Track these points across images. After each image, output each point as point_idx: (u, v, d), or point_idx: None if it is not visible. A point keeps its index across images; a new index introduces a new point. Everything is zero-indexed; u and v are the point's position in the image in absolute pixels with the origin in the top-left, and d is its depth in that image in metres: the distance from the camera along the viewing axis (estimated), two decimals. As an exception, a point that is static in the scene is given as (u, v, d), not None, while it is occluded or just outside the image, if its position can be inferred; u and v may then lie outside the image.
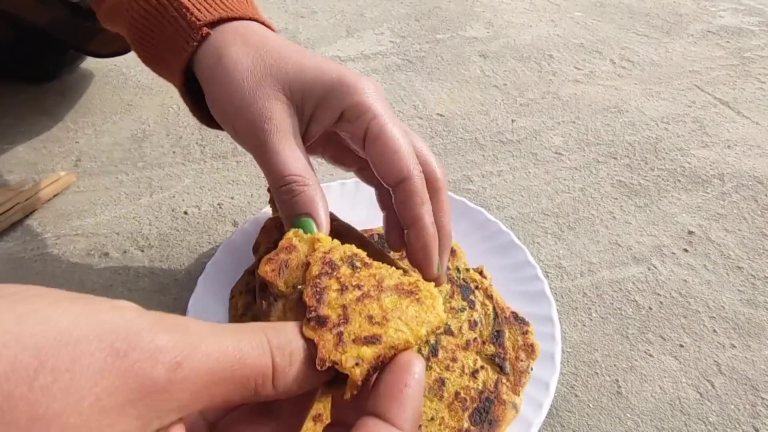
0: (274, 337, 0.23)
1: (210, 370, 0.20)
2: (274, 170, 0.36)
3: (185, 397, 0.20)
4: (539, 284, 0.50)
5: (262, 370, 0.22)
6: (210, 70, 0.39)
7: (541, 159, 0.70)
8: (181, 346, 0.20)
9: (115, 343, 0.18)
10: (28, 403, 0.17)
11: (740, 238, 0.59)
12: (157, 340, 0.19)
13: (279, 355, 0.23)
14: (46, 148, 0.72)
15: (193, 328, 0.21)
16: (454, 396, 0.43)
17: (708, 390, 0.46)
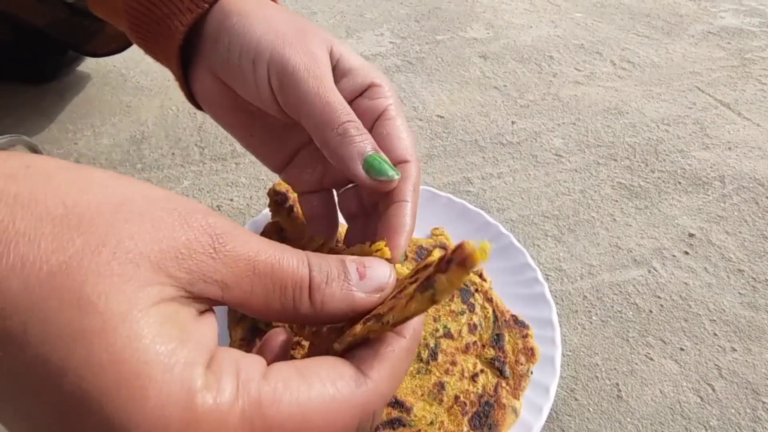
0: (314, 258, 0.24)
1: (251, 257, 0.22)
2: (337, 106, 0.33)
3: (226, 273, 0.21)
4: (539, 287, 0.50)
5: (299, 278, 0.23)
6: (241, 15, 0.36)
7: (541, 161, 0.70)
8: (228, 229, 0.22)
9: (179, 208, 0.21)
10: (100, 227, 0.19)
11: (741, 241, 0.59)
12: (210, 219, 0.22)
13: (317, 271, 0.24)
14: (44, 149, 0.72)
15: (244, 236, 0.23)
16: (454, 400, 0.43)
17: (709, 394, 0.46)
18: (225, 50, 0.36)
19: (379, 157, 0.33)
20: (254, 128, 0.41)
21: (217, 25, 0.37)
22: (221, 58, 0.37)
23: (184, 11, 0.37)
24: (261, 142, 0.41)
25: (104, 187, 0.21)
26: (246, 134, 0.41)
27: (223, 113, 0.41)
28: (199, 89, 0.40)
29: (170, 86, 0.82)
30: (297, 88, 0.34)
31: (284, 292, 0.23)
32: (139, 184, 0.22)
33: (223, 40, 0.36)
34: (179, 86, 0.42)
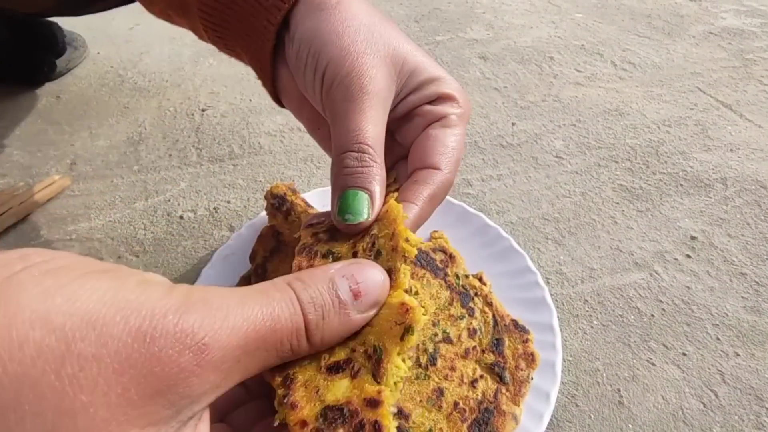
0: (303, 292, 0.23)
1: (240, 344, 0.20)
2: (351, 131, 0.32)
3: (217, 377, 0.20)
4: (540, 291, 0.50)
5: (295, 330, 0.22)
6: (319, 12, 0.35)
7: (541, 163, 0.69)
8: (208, 325, 0.19)
9: (141, 327, 0.18)
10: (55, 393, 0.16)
11: (743, 244, 0.58)
12: (183, 323, 0.19)
13: (310, 311, 0.23)
14: (40, 151, 0.71)
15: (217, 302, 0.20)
16: (453, 406, 0.42)
17: (711, 400, 0.45)
18: (295, 55, 0.36)
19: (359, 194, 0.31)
20: (320, 123, 0.40)
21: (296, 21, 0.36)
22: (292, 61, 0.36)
23: (270, 9, 0.36)
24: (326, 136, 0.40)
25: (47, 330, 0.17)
26: (314, 127, 0.41)
27: (297, 105, 0.40)
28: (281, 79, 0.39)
29: (168, 87, 0.82)
30: (332, 105, 0.33)
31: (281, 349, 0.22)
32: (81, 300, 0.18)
33: (296, 44, 0.35)
34: (262, 82, 0.41)
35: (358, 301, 0.24)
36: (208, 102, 0.79)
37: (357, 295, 0.24)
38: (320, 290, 0.23)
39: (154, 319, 0.18)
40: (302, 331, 0.22)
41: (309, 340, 0.23)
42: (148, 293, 0.19)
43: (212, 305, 0.20)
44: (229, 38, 0.40)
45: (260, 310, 0.21)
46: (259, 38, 0.37)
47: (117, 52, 0.90)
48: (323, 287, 0.23)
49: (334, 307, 0.23)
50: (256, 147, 0.71)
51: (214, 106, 0.78)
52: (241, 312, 0.21)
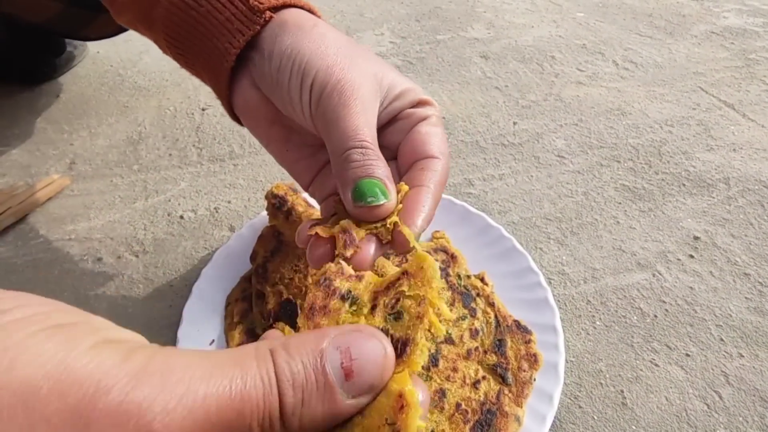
0: (285, 366, 0.20)
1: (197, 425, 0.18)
2: (351, 131, 0.33)
3: None
4: (542, 292, 0.49)
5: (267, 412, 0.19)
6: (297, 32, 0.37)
7: (543, 162, 0.69)
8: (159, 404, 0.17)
9: (78, 406, 0.16)
10: None
11: (747, 244, 0.58)
12: (129, 401, 0.17)
13: (288, 392, 0.19)
14: (39, 150, 0.71)
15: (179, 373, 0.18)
16: (455, 408, 0.42)
17: (716, 401, 0.45)
18: (276, 71, 0.36)
19: (372, 181, 0.32)
20: (290, 143, 0.41)
21: (271, 41, 0.37)
22: (271, 77, 0.37)
23: (234, 33, 0.38)
24: (295, 159, 0.41)
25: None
26: (282, 149, 0.41)
27: (262, 127, 0.41)
28: (240, 102, 0.40)
29: (168, 86, 0.81)
30: (326, 112, 0.34)
31: None
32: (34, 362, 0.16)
33: (275, 60, 0.36)
34: (221, 101, 0.42)
35: (349, 382, 0.20)
36: (209, 101, 0.79)
37: (349, 375, 0.20)
38: (305, 365, 0.20)
39: (95, 396, 0.16)
40: (276, 414, 0.19)
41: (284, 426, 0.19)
42: (99, 361, 0.17)
43: (171, 377, 0.18)
44: (190, 56, 0.41)
45: (229, 386, 0.18)
46: (219, 59, 0.38)
47: (117, 51, 0.90)
48: (309, 362, 0.20)
49: (318, 390, 0.20)
50: (257, 146, 0.70)
51: (215, 105, 0.78)
52: (205, 387, 0.18)
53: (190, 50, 0.40)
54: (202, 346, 0.46)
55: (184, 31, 0.40)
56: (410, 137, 0.37)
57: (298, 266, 0.47)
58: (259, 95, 0.39)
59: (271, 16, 0.38)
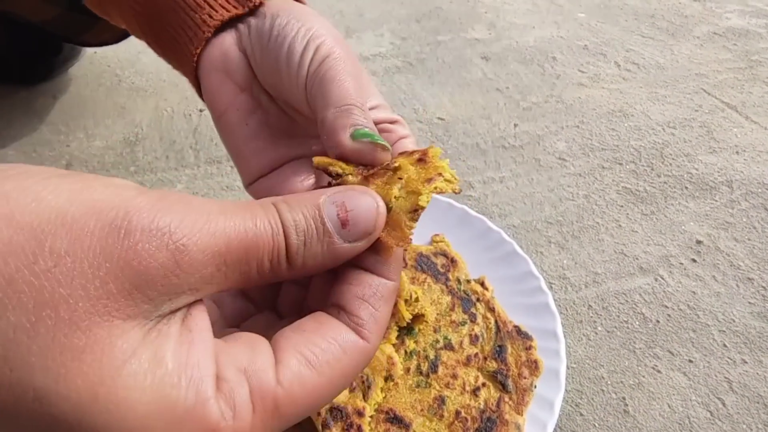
0: (288, 213, 0.22)
1: (219, 251, 0.19)
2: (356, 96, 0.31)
3: (195, 280, 0.19)
4: (543, 297, 0.49)
5: (276, 248, 0.21)
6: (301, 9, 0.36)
7: (544, 165, 0.68)
8: (186, 226, 0.19)
9: (114, 221, 0.18)
10: (32, 287, 0.16)
11: (750, 248, 0.57)
12: (159, 221, 0.18)
13: (293, 234, 0.22)
14: (36, 151, 0.70)
15: (197, 205, 0.20)
16: (455, 415, 0.41)
17: (719, 409, 0.44)
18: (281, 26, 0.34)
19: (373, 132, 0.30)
20: (253, 117, 0.37)
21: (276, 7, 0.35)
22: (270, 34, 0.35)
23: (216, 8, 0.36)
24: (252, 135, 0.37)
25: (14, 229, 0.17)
26: (241, 120, 0.37)
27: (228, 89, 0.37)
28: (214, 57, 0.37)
29: (165, 87, 0.80)
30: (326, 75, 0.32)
31: (261, 264, 0.21)
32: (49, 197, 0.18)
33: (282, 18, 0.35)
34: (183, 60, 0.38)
35: (345, 230, 0.23)
36: (207, 102, 0.78)
37: (345, 223, 0.23)
38: (305, 215, 0.22)
39: (128, 214, 0.18)
40: (283, 252, 0.21)
41: (289, 263, 0.22)
42: (118, 192, 0.19)
43: (192, 207, 0.19)
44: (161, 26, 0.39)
45: (242, 223, 0.20)
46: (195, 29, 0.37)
47: (114, 51, 0.89)
48: (308, 212, 0.22)
49: (318, 235, 0.22)
50: (255, 148, 0.70)
51: (213, 107, 0.77)
52: (224, 219, 0.20)
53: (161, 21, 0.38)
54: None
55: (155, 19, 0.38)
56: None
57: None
58: (239, 56, 0.36)
59: (261, 2, 0.36)
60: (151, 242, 0.18)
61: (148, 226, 0.18)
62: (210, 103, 0.38)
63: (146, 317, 0.18)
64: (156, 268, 0.18)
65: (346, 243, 0.23)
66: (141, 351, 0.18)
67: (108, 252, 0.17)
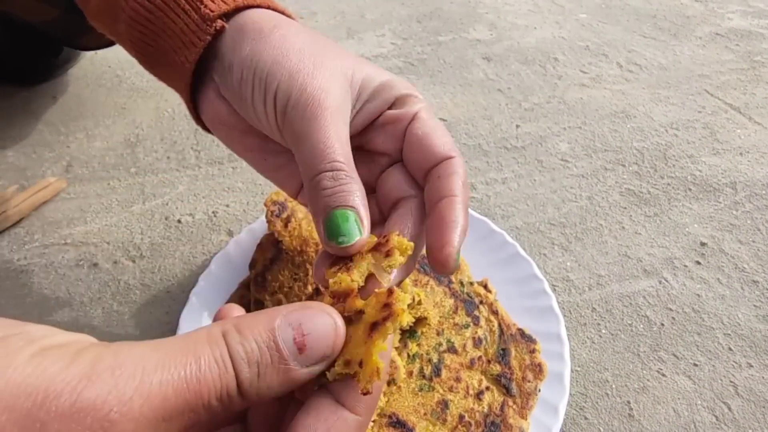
0: (238, 347, 0.20)
1: (157, 412, 0.18)
2: (320, 151, 0.30)
3: None
4: (547, 299, 0.48)
5: (224, 388, 0.20)
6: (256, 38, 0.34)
7: (546, 166, 0.68)
8: (114, 397, 0.17)
9: (30, 412, 0.16)
10: None
11: (755, 250, 0.57)
12: (83, 400, 0.17)
13: (244, 369, 0.20)
14: (36, 152, 0.70)
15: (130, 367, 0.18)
16: (458, 420, 0.41)
17: (724, 413, 0.44)
18: (238, 84, 0.34)
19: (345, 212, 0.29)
20: (267, 152, 0.38)
21: (229, 51, 0.35)
22: (234, 90, 0.35)
23: (188, 45, 0.35)
24: (275, 167, 0.38)
25: None
26: (260, 158, 0.39)
27: (236, 137, 0.38)
28: (209, 114, 0.38)
29: (166, 88, 0.79)
30: (292, 127, 0.32)
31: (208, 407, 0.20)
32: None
33: (236, 73, 0.34)
34: (189, 113, 0.40)
35: (302, 355, 0.22)
36: (207, 103, 0.78)
37: (302, 349, 0.22)
38: (258, 343, 0.21)
39: (45, 402, 0.16)
40: (233, 390, 0.20)
41: (242, 396, 0.20)
42: (42, 368, 0.17)
43: (123, 372, 0.18)
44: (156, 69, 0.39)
45: (183, 371, 0.19)
46: (179, 73, 0.36)
47: (114, 51, 0.89)
48: (262, 339, 0.21)
49: (273, 364, 0.21)
50: (256, 149, 0.69)
51: (213, 107, 0.77)
52: (160, 375, 0.18)
53: (155, 63, 0.39)
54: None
55: (146, 45, 0.38)
56: (409, 146, 0.34)
57: (298, 275, 0.46)
58: (228, 106, 0.36)
59: (223, 25, 0.35)
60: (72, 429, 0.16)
61: (68, 411, 0.17)
62: (231, 150, 0.40)
63: None
64: None
65: (304, 368, 0.22)
66: None
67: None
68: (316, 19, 1.01)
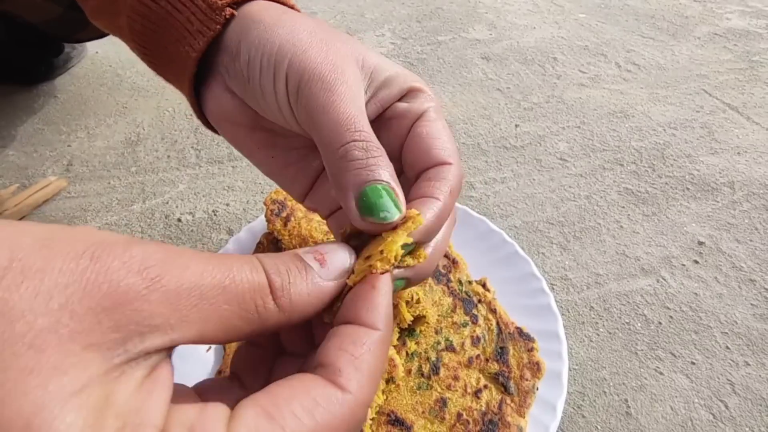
0: (267, 259, 0.22)
1: (195, 284, 0.19)
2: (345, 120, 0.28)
3: (169, 312, 0.18)
4: (545, 298, 0.48)
5: (257, 286, 0.21)
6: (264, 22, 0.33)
7: (545, 165, 0.68)
8: (159, 259, 0.18)
9: (90, 248, 0.18)
10: None
11: (752, 249, 0.57)
12: (133, 252, 0.18)
13: (274, 272, 0.22)
14: (36, 151, 0.70)
15: (173, 247, 0.20)
16: (456, 418, 0.41)
17: (721, 411, 0.44)
18: (245, 66, 0.33)
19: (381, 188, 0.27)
20: (276, 149, 0.36)
21: (236, 38, 0.33)
22: (241, 76, 0.33)
23: (194, 34, 0.34)
24: (284, 164, 0.37)
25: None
26: (267, 156, 0.37)
27: (242, 134, 0.37)
28: (215, 110, 0.36)
29: (167, 87, 0.80)
30: (309, 101, 0.30)
31: (244, 307, 0.20)
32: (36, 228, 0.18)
33: (243, 55, 0.32)
34: (193, 110, 0.39)
35: (324, 268, 0.24)
36: (207, 102, 0.78)
37: (323, 263, 0.24)
38: (284, 259, 0.23)
39: (104, 245, 0.18)
40: (266, 291, 0.21)
41: (277, 302, 0.21)
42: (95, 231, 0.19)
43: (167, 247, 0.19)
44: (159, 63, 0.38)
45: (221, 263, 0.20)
46: (183, 65, 0.35)
47: (116, 51, 0.89)
48: (288, 257, 0.23)
49: (300, 271, 0.23)
50: (256, 148, 0.70)
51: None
52: (199, 263, 0.19)
53: (158, 57, 0.37)
54: (199, 353, 0.45)
55: (148, 36, 0.36)
56: (411, 143, 0.33)
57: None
58: (235, 100, 0.35)
59: (232, 13, 0.34)
60: (123, 268, 0.18)
61: (121, 255, 0.18)
62: (236, 148, 0.38)
63: (111, 350, 0.17)
64: (125, 292, 0.17)
65: (329, 281, 0.24)
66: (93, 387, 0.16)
67: (78, 273, 0.17)
68: (315, 18, 1.01)
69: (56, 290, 0.16)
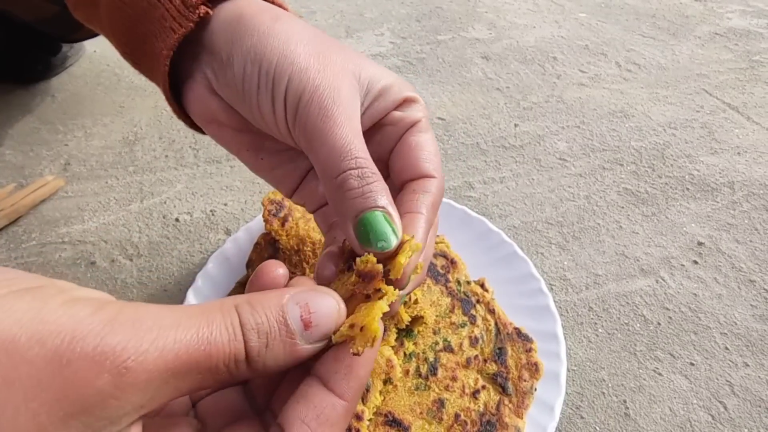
0: (249, 317, 0.22)
1: (168, 367, 0.19)
2: (341, 148, 0.29)
3: (139, 399, 0.19)
4: (543, 298, 0.48)
5: (233, 355, 0.21)
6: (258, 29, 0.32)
7: (545, 165, 0.68)
8: (132, 347, 0.18)
9: (58, 349, 0.17)
10: None
11: (752, 250, 0.57)
12: (104, 345, 0.18)
13: (253, 338, 0.21)
14: (33, 151, 0.70)
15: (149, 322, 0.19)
16: (454, 419, 0.41)
17: (720, 412, 0.44)
18: (239, 79, 0.32)
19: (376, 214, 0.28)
20: (263, 151, 0.36)
21: (227, 43, 0.33)
22: (234, 87, 0.33)
23: (167, 31, 0.33)
24: (271, 165, 0.37)
25: None
26: (254, 157, 0.37)
27: (228, 135, 0.36)
28: (199, 109, 0.35)
29: (165, 86, 0.80)
30: (305, 127, 0.30)
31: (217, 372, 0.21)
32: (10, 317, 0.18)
33: (237, 67, 0.32)
34: (169, 106, 0.37)
35: (307, 332, 0.23)
36: (206, 102, 0.78)
37: (307, 325, 0.23)
38: (268, 317, 0.22)
39: (72, 342, 0.18)
40: (241, 357, 0.21)
41: (249, 366, 0.22)
42: (72, 313, 0.18)
43: (142, 326, 0.19)
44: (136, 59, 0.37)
45: (195, 333, 0.20)
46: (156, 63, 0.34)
47: (113, 50, 0.89)
48: (272, 314, 0.22)
49: (281, 336, 0.22)
50: (254, 148, 0.69)
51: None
52: (174, 334, 0.20)
53: (135, 51, 0.37)
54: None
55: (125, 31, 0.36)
56: (400, 151, 0.33)
57: (295, 273, 0.46)
58: (221, 103, 0.34)
59: (207, 12, 0.33)
60: (92, 369, 0.18)
61: (91, 353, 0.18)
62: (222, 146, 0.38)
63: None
64: (93, 395, 0.18)
65: (308, 344, 0.23)
66: None
67: (45, 382, 0.17)
68: (315, 17, 1.01)
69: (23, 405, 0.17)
